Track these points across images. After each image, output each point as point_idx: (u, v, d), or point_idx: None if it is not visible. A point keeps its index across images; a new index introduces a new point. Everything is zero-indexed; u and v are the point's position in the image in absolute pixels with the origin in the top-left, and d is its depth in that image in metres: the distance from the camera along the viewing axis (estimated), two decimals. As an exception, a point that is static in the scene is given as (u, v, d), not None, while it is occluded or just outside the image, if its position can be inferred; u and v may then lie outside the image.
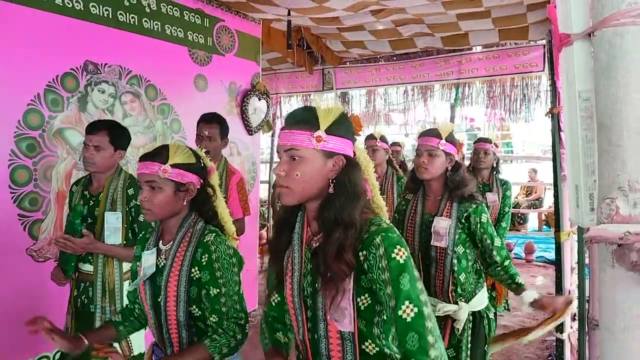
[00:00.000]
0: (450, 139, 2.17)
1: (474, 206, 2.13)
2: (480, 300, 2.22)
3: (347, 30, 5.12)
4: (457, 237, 2.12)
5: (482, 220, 2.13)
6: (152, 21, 3.52)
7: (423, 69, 6.34)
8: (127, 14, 3.33)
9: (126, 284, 2.37)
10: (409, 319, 1.10)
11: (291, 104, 8.00)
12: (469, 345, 2.14)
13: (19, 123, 2.73)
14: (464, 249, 2.16)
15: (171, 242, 1.63)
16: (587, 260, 2.14)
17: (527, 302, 2.00)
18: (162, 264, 1.62)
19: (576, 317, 2.62)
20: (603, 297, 0.78)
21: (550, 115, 2.94)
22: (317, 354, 1.24)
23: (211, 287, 1.54)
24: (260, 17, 4.55)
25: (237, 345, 1.54)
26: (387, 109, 7.66)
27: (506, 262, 2.13)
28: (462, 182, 2.15)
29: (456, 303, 2.13)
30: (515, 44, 5.66)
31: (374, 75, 6.64)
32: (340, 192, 1.18)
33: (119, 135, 2.41)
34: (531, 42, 5.44)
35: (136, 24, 3.40)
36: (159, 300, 1.60)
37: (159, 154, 1.60)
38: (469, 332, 2.15)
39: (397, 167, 4.25)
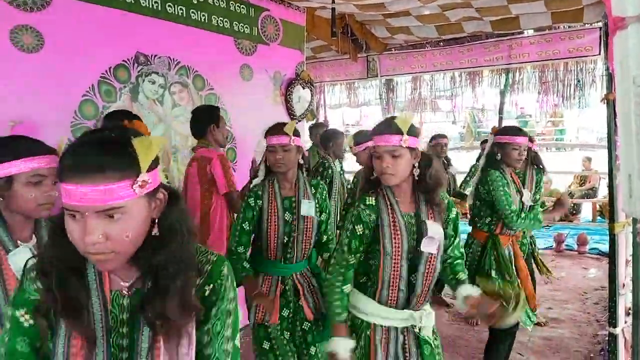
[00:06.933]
0: (413, 132, 1.81)
1: (445, 201, 1.93)
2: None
3: (392, 16, 5.06)
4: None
5: (451, 216, 1.96)
6: (199, 12, 3.58)
7: (471, 54, 6.18)
8: (175, 5, 3.41)
9: None
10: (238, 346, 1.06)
11: (335, 92, 8.00)
12: None
13: (75, 113, 2.86)
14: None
15: None
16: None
17: (463, 295, 1.87)
18: None
19: (630, 311, 2.53)
20: (655, 292, 0.75)
21: (605, 101, 2.81)
22: None
23: None
24: (305, 6, 4.55)
25: None
26: (433, 95, 7.53)
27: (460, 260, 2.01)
28: (437, 182, 1.86)
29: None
30: (569, 26, 5.42)
31: (420, 61, 6.53)
32: (173, 234, 0.98)
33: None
34: (586, 25, 5.19)
35: (184, 15, 3.47)
36: None
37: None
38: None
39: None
